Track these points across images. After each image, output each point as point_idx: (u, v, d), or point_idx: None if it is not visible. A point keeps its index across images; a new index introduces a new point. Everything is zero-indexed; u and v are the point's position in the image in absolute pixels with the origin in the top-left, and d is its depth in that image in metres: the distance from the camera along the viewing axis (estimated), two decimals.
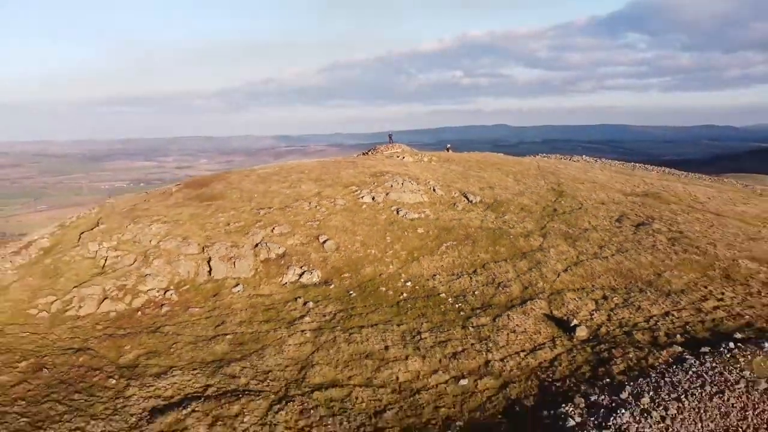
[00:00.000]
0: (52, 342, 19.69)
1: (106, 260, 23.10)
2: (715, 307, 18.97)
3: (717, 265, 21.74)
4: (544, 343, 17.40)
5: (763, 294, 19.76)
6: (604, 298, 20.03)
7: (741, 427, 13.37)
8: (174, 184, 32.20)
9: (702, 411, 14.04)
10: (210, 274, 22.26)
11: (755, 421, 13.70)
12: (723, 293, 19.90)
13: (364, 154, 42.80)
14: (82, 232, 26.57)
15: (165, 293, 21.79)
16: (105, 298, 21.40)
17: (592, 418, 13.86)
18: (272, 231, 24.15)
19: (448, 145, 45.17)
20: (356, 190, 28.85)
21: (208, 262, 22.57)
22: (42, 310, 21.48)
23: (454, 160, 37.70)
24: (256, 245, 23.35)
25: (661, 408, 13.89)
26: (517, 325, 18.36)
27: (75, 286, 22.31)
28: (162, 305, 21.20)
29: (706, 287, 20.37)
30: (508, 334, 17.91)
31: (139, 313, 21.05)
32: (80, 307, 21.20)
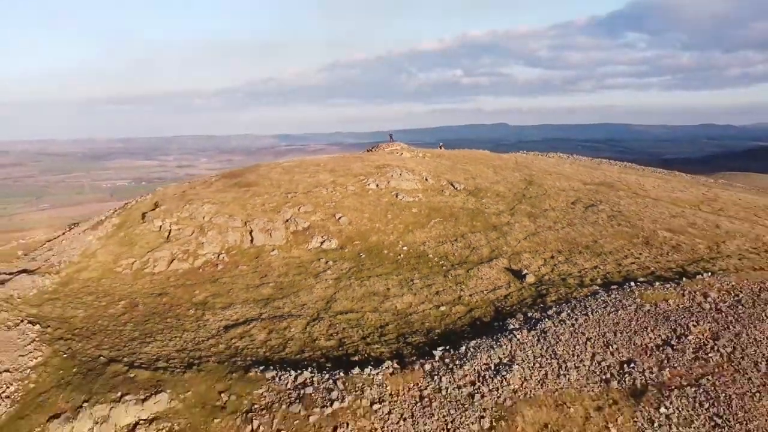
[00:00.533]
0: (139, 289, 26.32)
1: (170, 232, 29.68)
2: (632, 263, 25.60)
3: (641, 234, 28.35)
4: (501, 285, 24.05)
5: (669, 254, 26.37)
6: (551, 257, 26.64)
7: (626, 330, 20.07)
8: (210, 175, 38.90)
9: (601, 321, 20.72)
10: (252, 242, 28.85)
11: (636, 326, 20.38)
12: (640, 254, 26.52)
13: (368, 151, 49.41)
14: (144, 212, 33.21)
15: (218, 256, 28.40)
16: (173, 260, 27.97)
17: (526, 325, 20.54)
18: (298, 210, 30.74)
19: (441, 144, 51.72)
20: (363, 179, 35.50)
21: (250, 233, 29.16)
22: (125, 268, 28.11)
23: (444, 156, 44.34)
24: (287, 220, 29.94)
25: (572, 319, 20.57)
26: (483, 274, 25.00)
27: (148, 251, 28.93)
28: (217, 264, 27.81)
29: (629, 250, 26.98)
30: (476, 280, 24.55)
31: (201, 269, 27.67)
32: (155, 266, 27.79)
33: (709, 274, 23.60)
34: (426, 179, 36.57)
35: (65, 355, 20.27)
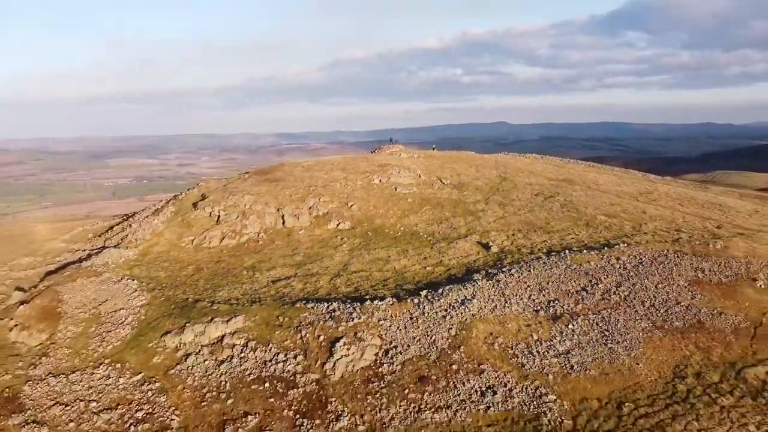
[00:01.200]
0: (200, 258, 34.85)
1: (219, 217, 38.18)
2: (572, 238, 34.11)
3: (583, 218, 36.87)
4: (473, 254, 32.58)
5: (601, 232, 34.86)
6: (512, 234, 35.14)
7: (556, 281, 28.62)
8: (243, 172, 47.51)
9: (539, 275, 29.26)
10: (284, 224, 37.31)
11: (563, 278, 28.88)
12: (580, 232, 35.02)
13: (372, 152, 57.75)
14: (194, 202, 41.75)
15: (258, 234, 36.91)
16: (223, 237, 36.45)
17: (486, 277, 29.09)
18: (319, 200, 39.21)
19: (434, 146, 60.12)
20: (369, 175, 43.99)
21: (282, 217, 37.61)
22: (187, 244, 36.63)
23: (436, 157, 52.84)
24: (310, 207, 38.42)
25: (519, 273, 29.09)
26: (460, 246, 33.53)
27: (203, 231, 37.43)
28: (258, 241, 36.33)
29: (572, 229, 35.48)
30: (454, 250, 33.07)
31: (245, 244, 36.20)
32: (210, 242, 36.27)
33: (625, 245, 32.20)
34: (419, 176, 45.03)
35: (162, 298, 28.86)
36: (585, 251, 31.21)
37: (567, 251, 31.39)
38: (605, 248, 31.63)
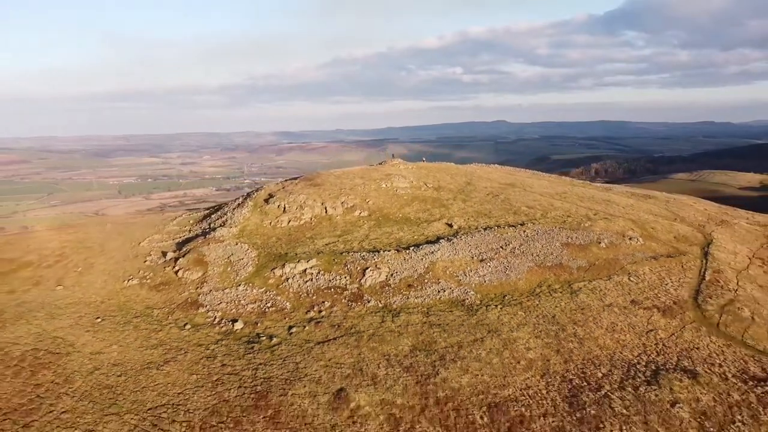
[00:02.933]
0: (277, 233, 57.67)
1: (284, 208, 60.96)
2: (503, 221, 56.92)
3: (512, 208, 59.70)
4: (442, 229, 55.44)
5: (521, 216, 57.82)
6: (468, 219, 58.01)
7: (486, 243, 51.85)
8: (292, 179, 70.64)
9: (478, 239, 52.34)
10: (326, 213, 60.07)
11: (489, 241, 52.15)
12: (508, 217, 57.85)
13: (380, 164, 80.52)
14: (265, 199, 64.64)
15: (311, 219, 59.53)
16: (289, 221, 59.22)
17: (447, 240, 52.18)
18: (347, 197, 61.96)
19: (423, 158, 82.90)
20: (379, 181, 66.83)
21: (325, 208, 60.39)
22: (267, 225, 59.49)
23: (425, 168, 75.73)
24: (342, 202, 61.19)
25: (467, 238, 52.05)
26: (434, 225, 56.25)
27: (276, 217, 60.26)
28: (311, 223, 59.15)
29: (504, 216, 58.33)
30: (431, 227, 55.77)
31: (304, 225, 58.99)
32: (281, 224, 59.02)
33: (533, 223, 55.29)
34: (412, 181, 67.87)
35: (265, 253, 51.86)
36: (507, 227, 54.22)
37: (496, 227, 54.42)
38: (519, 226, 54.70)
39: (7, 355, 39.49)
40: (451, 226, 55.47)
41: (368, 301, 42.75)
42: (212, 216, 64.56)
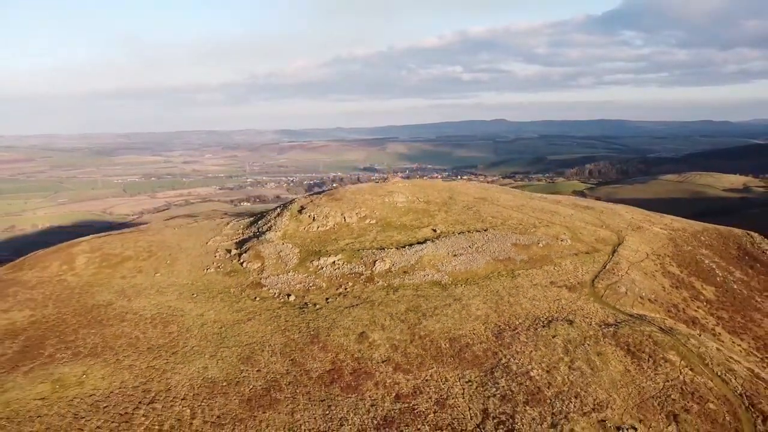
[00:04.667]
0: (310, 236, 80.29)
1: (314, 217, 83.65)
2: (472, 227, 79.91)
3: (480, 218, 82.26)
4: (428, 234, 78.13)
5: (487, 223, 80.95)
6: (448, 226, 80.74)
7: (459, 243, 75.36)
8: (318, 195, 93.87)
9: (453, 241, 75.39)
10: (345, 221, 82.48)
11: (461, 242, 75.77)
12: (477, 225, 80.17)
13: (383, 181, 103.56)
14: (298, 210, 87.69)
15: (334, 226, 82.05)
16: (318, 227, 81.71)
17: (432, 242, 75.52)
18: (360, 209, 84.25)
19: (417, 177, 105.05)
20: (383, 196, 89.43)
21: (344, 218, 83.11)
22: (301, 230, 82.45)
23: (418, 185, 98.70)
24: (356, 213, 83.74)
25: (449, 241, 75.45)
26: (423, 231, 79.01)
27: (308, 224, 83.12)
28: (334, 228, 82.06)
29: (474, 223, 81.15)
30: (420, 232, 78.62)
31: (328, 230, 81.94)
32: (312, 229, 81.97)
33: (494, 229, 78.62)
34: (408, 197, 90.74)
35: (304, 250, 74.72)
36: (475, 232, 77.41)
37: (467, 232, 77.62)
38: (483, 231, 77.89)
39: (142, 317, 61.99)
40: (435, 231, 78.84)
41: (377, 282, 65.95)
42: (258, 223, 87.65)
